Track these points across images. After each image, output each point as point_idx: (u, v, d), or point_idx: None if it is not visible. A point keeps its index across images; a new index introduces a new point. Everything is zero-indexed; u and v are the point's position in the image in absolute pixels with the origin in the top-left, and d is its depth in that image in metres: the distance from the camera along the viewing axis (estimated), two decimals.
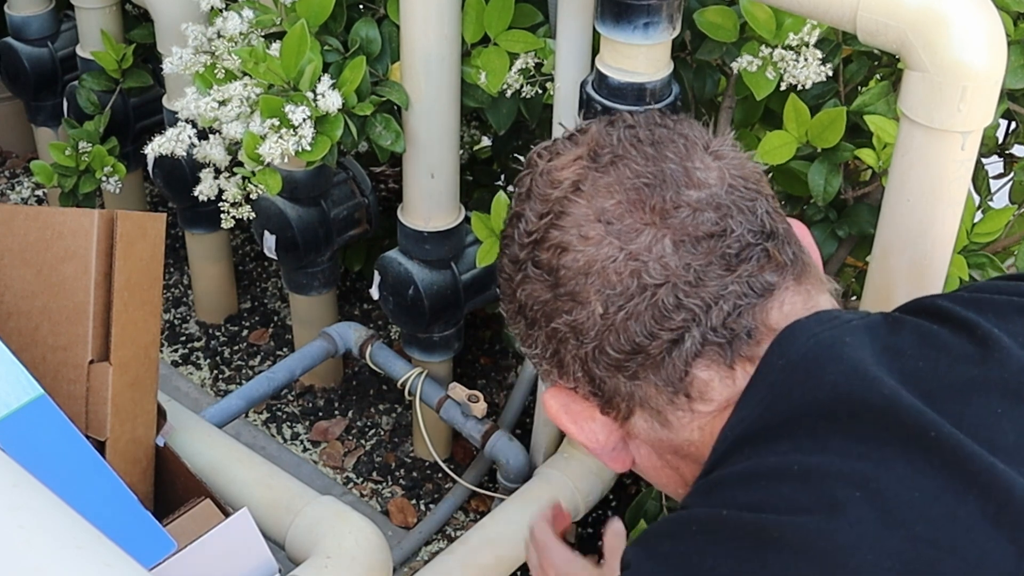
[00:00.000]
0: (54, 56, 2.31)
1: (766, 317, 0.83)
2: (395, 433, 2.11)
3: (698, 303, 0.81)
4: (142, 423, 1.32)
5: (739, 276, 0.82)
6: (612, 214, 0.83)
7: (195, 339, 2.29)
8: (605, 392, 0.87)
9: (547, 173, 0.87)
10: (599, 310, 0.83)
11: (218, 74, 1.51)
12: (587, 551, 1.90)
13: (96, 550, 0.68)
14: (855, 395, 0.78)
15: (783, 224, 0.87)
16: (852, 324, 0.83)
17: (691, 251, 0.82)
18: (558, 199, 0.85)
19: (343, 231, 1.95)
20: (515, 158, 2.12)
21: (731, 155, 0.87)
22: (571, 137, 0.89)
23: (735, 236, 0.82)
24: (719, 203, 0.83)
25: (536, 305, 0.87)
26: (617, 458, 0.94)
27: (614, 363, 0.84)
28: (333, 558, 1.28)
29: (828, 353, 0.80)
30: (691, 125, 0.88)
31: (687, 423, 0.85)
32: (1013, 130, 1.64)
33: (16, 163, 2.71)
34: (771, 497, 0.76)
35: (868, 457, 0.75)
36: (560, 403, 0.91)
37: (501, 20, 1.54)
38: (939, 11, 1.07)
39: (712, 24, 1.41)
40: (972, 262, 1.37)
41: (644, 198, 0.83)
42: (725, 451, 0.82)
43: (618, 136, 0.86)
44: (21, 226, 1.30)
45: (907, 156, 1.14)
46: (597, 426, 0.90)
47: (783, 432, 0.79)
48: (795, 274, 0.85)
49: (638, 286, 0.82)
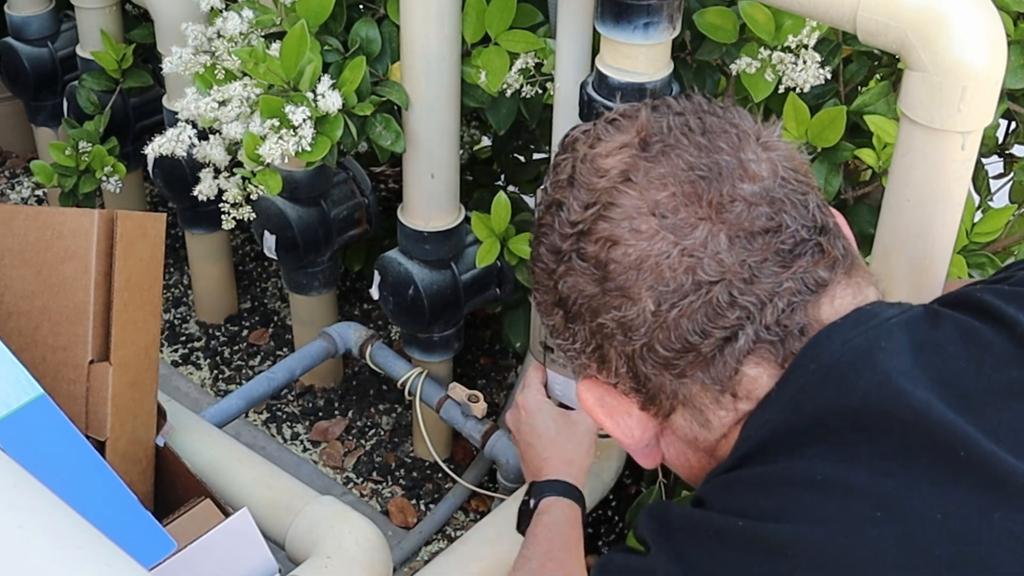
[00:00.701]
0: (54, 56, 2.31)
1: (818, 313, 0.81)
2: (395, 433, 2.11)
3: (753, 300, 0.79)
4: (142, 423, 1.32)
5: (794, 272, 0.80)
6: (666, 207, 0.80)
7: (195, 339, 2.29)
8: (649, 389, 0.84)
9: (591, 160, 0.83)
10: (651, 307, 0.80)
11: (218, 74, 1.51)
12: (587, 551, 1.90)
13: (96, 550, 0.68)
14: (885, 407, 0.76)
15: (832, 218, 0.85)
16: (891, 323, 0.81)
17: (746, 247, 0.79)
18: (606, 189, 0.82)
19: (343, 231, 1.95)
20: (515, 158, 2.12)
21: (781, 146, 0.84)
22: (613, 122, 0.85)
23: (790, 232, 0.80)
24: (773, 197, 0.81)
25: (580, 299, 0.84)
26: (649, 454, 0.92)
27: (663, 361, 0.82)
28: (333, 558, 1.28)
29: (862, 360, 0.78)
30: (740, 114, 0.85)
31: (727, 422, 0.83)
32: (1013, 130, 1.64)
33: (16, 163, 2.71)
34: (791, 505, 0.75)
35: (893, 474, 0.74)
36: (596, 396, 0.88)
37: (501, 20, 1.54)
38: (939, 11, 1.07)
39: (712, 25, 1.41)
40: (972, 262, 1.37)
41: (700, 191, 0.80)
42: (750, 450, 0.80)
43: (668, 124, 0.83)
44: (21, 226, 1.30)
45: (907, 156, 1.14)
46: (633, 422, 0.88)
47: (809, 438, 0.78)
48: (846, 268, 0.83)
49: (693, 283, 0.79)
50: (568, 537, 1.26)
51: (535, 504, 1.30)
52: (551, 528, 1.26)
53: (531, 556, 1.24)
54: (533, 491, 1.32)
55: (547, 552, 1.23)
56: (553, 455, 1.35)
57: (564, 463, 1.34)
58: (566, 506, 1.29)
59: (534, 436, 1.38)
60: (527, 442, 1.38)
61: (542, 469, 1.34)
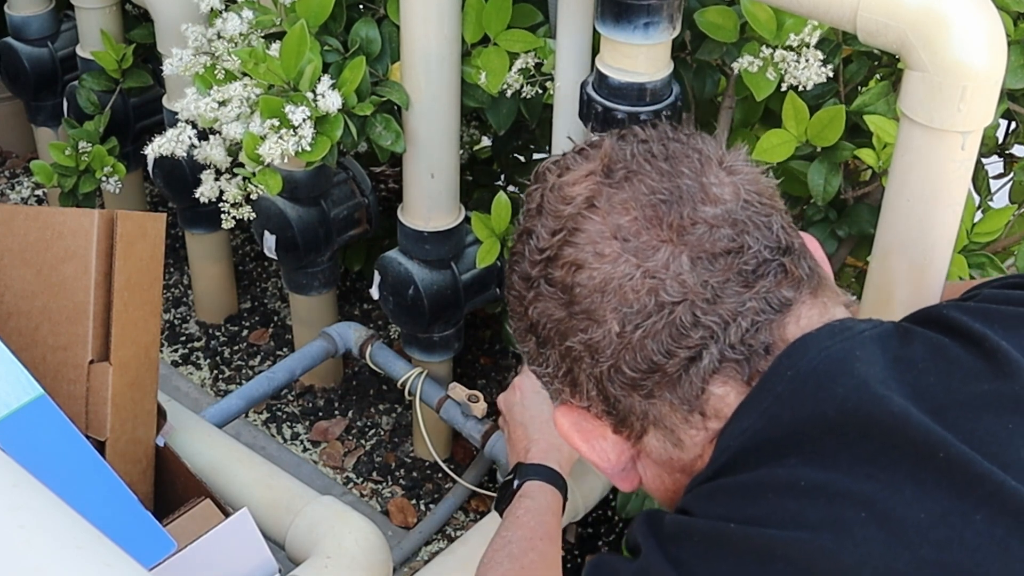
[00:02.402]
0: (54, 56, 2.31)
1: (783, 332, 0.82)
2: (395, 433, 2.11)
3: (716, 320, 0.81)
4: (142, 423, 1.32)
5: (757, 292, 0.81)
6: (628, 231, 0.82)
7: (195, 339, 2.29)
8: (620, 411, 0.86)
9: (559, 188, 0.86)
10: (615, 328, 0.82)
11: (218, 75, 1.51)
12: (587, 551, 1.90)
13: (96, 550, 0.68)
14: (863, 412, 0.77)
15: (798, 239, 0.87)
16: (864, 336, 0.82)
17: (708, 268, 0.81)
18: (571, 215, 0.84)
19: (343, 231, 1.95)
20: (515, 158, 2.12)
21: (745, 170, 0.86)
22: (581, 152, 0.88)
23: (752, 252, 0.82)
24: (735, 219, 0.82)
25: (549, 323, 0.86)
26: (626, 478, 0.93)
27: (630, 382, 0.83)
28: (333, 558, 1.28)
29: (839, 367, 0.80)
30: (704, 139, 0.87)
31: (699, 441, 0.85)
32: (1013, 130, 1.64)
33: (16, 163, 2.71)
34: (777, 511, 0.76)
35: (875, 477, 0.75)
36: (571, 422, 0.90)
37: (501, 20, 1.54)
38: (939, 11, 1.07)
39: (712, 24, 1.41)
40: (972, 262, 1.37)
41: (661, 214, 0.82)
42: (729, 460, 0.81)
43: (631, 151, 0.85)
44: (21, 226, 1.30)
45: (907, 156, 1.14)
46: (608, 445, 0.90)
47: (790, 445, 0.79)
48: (811, 288, 0.85)
49: (655, 304, 0.81)
50: (550, 526, 1.26)
51: (519, 485, 1.30)
52: (534, 514, 1.26)
53: (511, 539, 1.23)
54: (519, 472, 1.32)
55: (528, 539, 1.23)
56: (542, 438, 1.35)
57: (553, 448, 1.34)
58: (550, 493, 1.30)
59: (526, 416, 1.38)
60: (519, 422, 1.39)
61: (529, 450, 1.34)
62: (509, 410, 1.42)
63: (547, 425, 1.38)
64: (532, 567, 1.20)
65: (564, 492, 1.32)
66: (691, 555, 0.78)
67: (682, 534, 0.80)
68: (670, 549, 0.79)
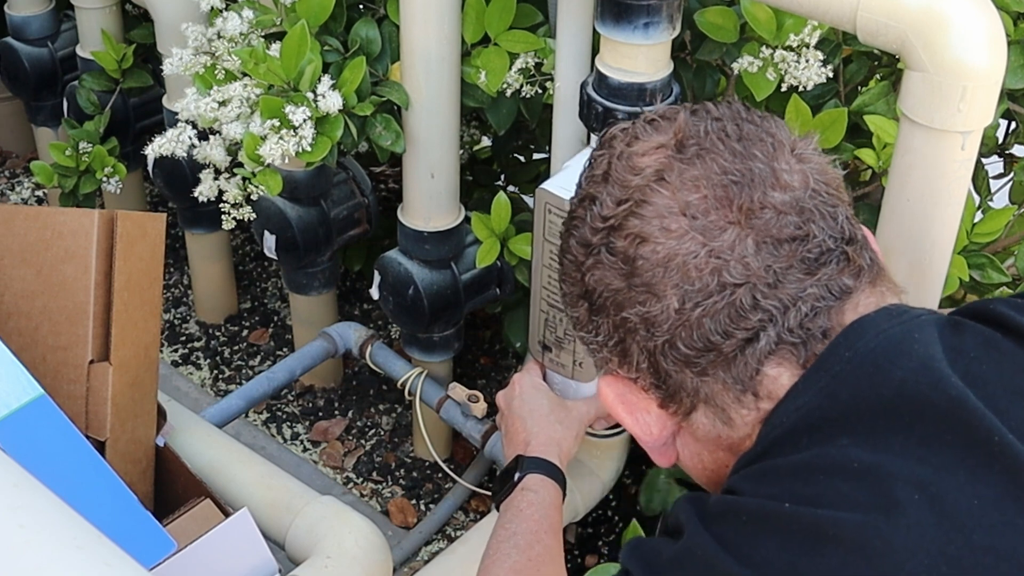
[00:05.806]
0: (54, 56, 2.31)
1: (841, 317, 0.83)
2: (395, 433, 2.11)
3: (776, 304, 0.81)
4: (142, 423, 1.32)
5: (818, 279, 0.82)
6: (697, 208, 0.82)
7: (195, 339, 2.29)
8: (669, 386, 0.86)
9: (627, 158, 0.85)
10: (675, 304, 0.82)
11: (218, 75, 1.51)
12: (587, 551, 1.90)
13: (96, 550, 0.68)
14: (921, 394, 0.78)
15: (860, 231, 0.87)
16: (921, 320, 0.83)
17: (773, 253, 0.81)
18: (639, 187, 0.84)
19: (343, 231, 1.95)
20: (515, 158, 2.12)
21: (815, 159, 0.86)
22: (652, 122, 0.87)
23: (816, 241, 0.82)
24: (803, 207, 0.83)
25: (607, 292, 0.85)
26: (665, 452, 0.93)
27: (684, 358, 0.83)
28: (333, 558, 1.28)
29: (897, 349, 0.80)
30: (777, 123, 0.87)
31: (749, 421, 0.85)
32: (1013, 130, 1.64)
33: (16, 163, 2.71)
34: (829, 492, 0.76)
35: (928, 461, 0.75)
36: (616, 392, 0.90)
37: (501, 20, 1.54)
38: (939, 11, 1.07)
39: (712, 24, 1.41)
40: (972, 262, 1.37)
41: (731, 196, 0.82)
42: (779, 437, 0.81)
43: (705, 127, 0.85)
44: (21, 226, 1.30)
45: (907, 156, 1.14)
46: (652, 419, 0.89)
47: (843, 424, 0.79)
48: (871, 278, 0.85)
49: (718, 284, 0.81)
50: (553, 520, 1.26)
51: (520, 478, 1.30)
52: (537, 507, 1.26)
53: (517, 532, 1.23)
54: (520, 464, 1.32)
55: (534, 532, 1.23)
56: (541, 432, 1.35)
57: (552, 442, 1.34)
58: (552, 487, 1.30)
59: (526, 410, 1.39)
60: (518, 415, 1.39)
61: (529, 443, 1.34)
62: (508, 404, 1.42)
63: (546, 420, 1.38)
64: (539, 559, 1.20)
65: (564, 487, 1.32)
66: (738, 534, 0.78)
67: (729, 513, 0.80)
68: (716, 528, 0.79)
